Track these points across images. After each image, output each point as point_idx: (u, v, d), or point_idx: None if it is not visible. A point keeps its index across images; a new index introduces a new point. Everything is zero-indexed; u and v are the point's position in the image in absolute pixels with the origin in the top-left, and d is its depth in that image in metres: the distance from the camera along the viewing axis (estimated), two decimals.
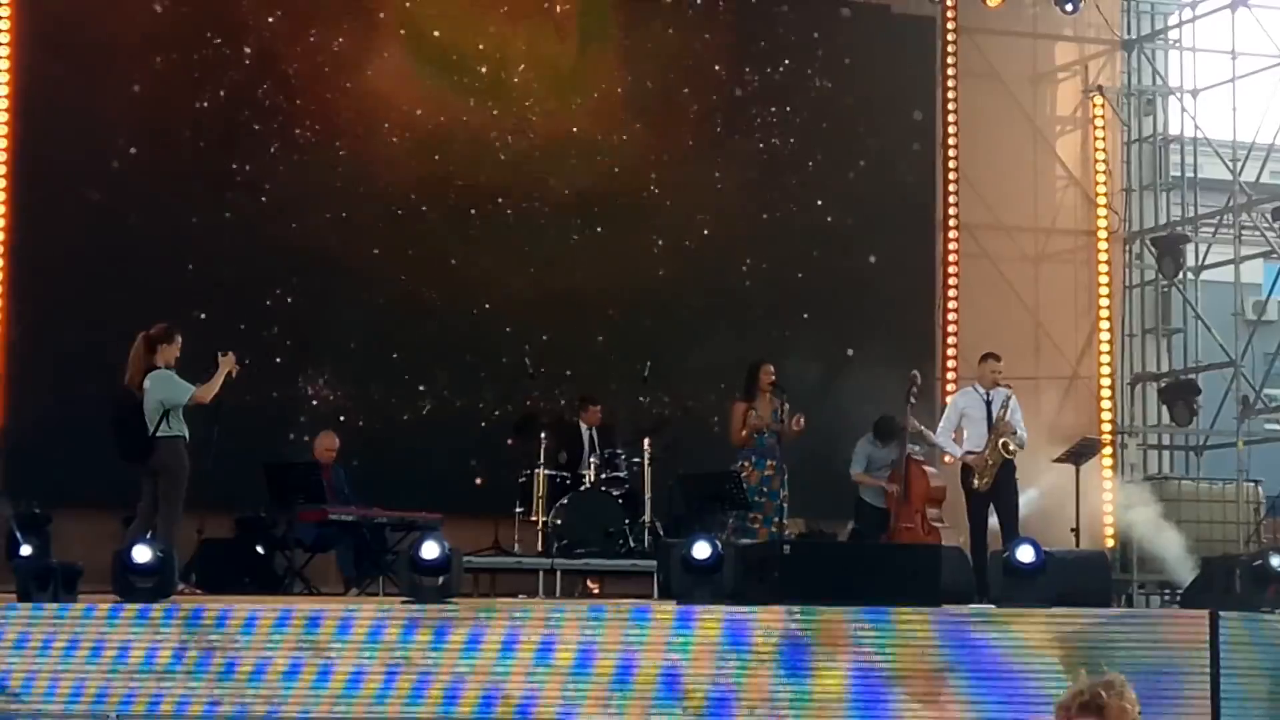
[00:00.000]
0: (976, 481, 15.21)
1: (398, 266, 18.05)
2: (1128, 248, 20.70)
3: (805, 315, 18.83)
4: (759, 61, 19.34)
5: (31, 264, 17.03)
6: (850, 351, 18.63)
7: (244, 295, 17.48)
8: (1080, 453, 16.51)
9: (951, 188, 19.88)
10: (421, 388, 18.09)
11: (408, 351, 18.08)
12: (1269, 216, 19.87)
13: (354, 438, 16.79)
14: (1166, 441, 20.93)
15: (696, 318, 18.59)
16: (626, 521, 15.93)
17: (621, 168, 18.82)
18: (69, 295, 16.93)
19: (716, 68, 19.23)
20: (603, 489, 16.15)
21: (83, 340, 16.30)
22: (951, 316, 19.65)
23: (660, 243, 18.77)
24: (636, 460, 16.41)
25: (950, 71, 20.01)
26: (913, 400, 15.96)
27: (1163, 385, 20.40)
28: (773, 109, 19.32)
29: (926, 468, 15.97)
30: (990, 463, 15.23)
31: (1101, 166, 20.40)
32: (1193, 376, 20.23)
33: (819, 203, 19.29)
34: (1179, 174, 20.91)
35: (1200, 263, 20.59)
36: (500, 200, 18.47)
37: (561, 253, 18.52)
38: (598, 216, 18.66)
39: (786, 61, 19.42)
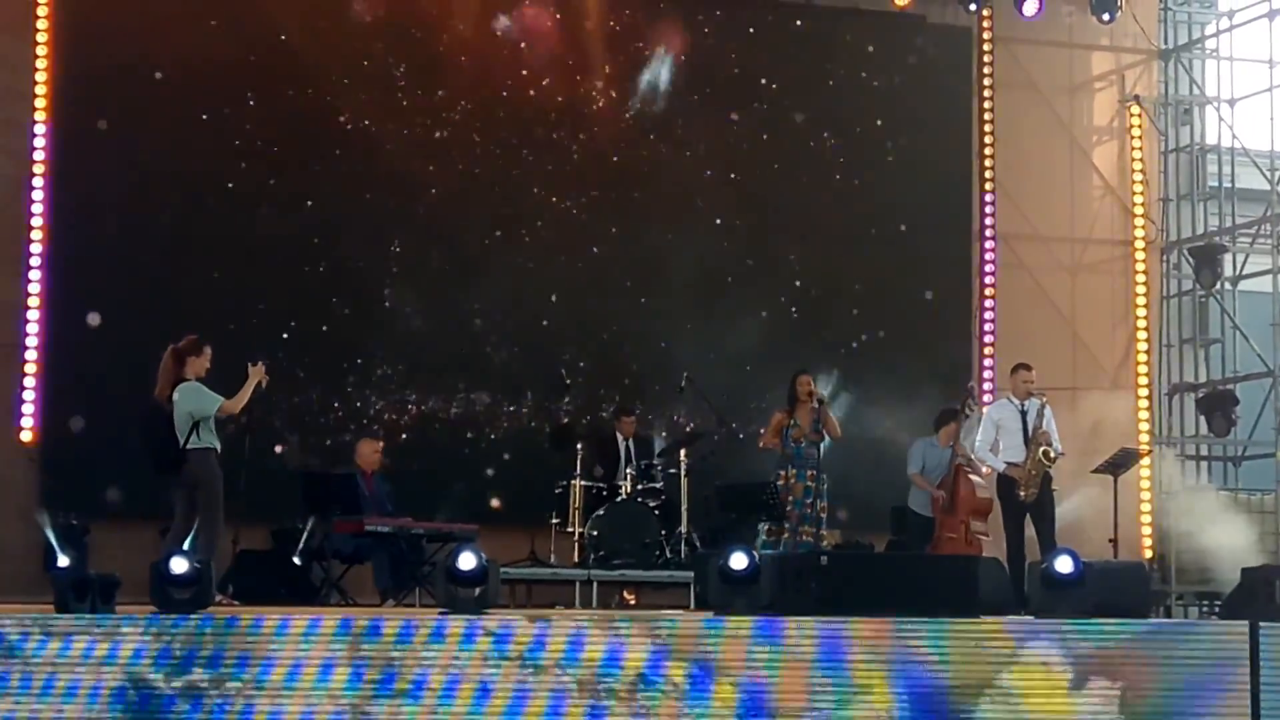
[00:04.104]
0: (1023, 492, 15.21)
1: (433, 278, 18.07)
2: (1165, 258, 20.64)
3: (841, 326, 18.79)
4: (794, 72, 19.33)
5: (69, 278, 17.13)
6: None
7: (280, 308, 17.54)
8: (1118, 463, 16.47)
9: (988, 198, 19.86)
10: (457, 399, 18.11)
11: (443, 363, 18.11)
12: None
13: (390, 449, 16.78)
14: (1205, 452, 20.84)
15: (732, 328, 18.56)
16: (663, 532, 15.94)
17: (657, 179, 18.82)
18: (106, 308, 17.00)
19: (756, 77, 19.22)
20: (639, 500, 16.15)
21: (119, 353, 16.34)
22: (989, 327, 19.64)
23: (695, 252, 18.74)
24: (673, 471, 16.42)
25: (986, 82, 20.00)
26: (968, 413, 15.95)
27: (1200, 396, 20.32)
28: (809, 119, 19.30)
29: (975, 479, 15.95)
30: (1033, 473, 15.22)
31: (1139, 176, 20.37)
32: (1231, 387, 20.14)
33: (855, 213, 19.27)
34: (1216, 184, 20.82)
35: (1238, 273, 20.50)
36: (537, 211, 18.50)
37: (596, 263, 18.56)
38: (634, 227, 18.67)
39: (821, 72, 19.42)
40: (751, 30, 19.30)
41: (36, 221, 17.18)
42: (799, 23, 19.47)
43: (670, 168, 18.86)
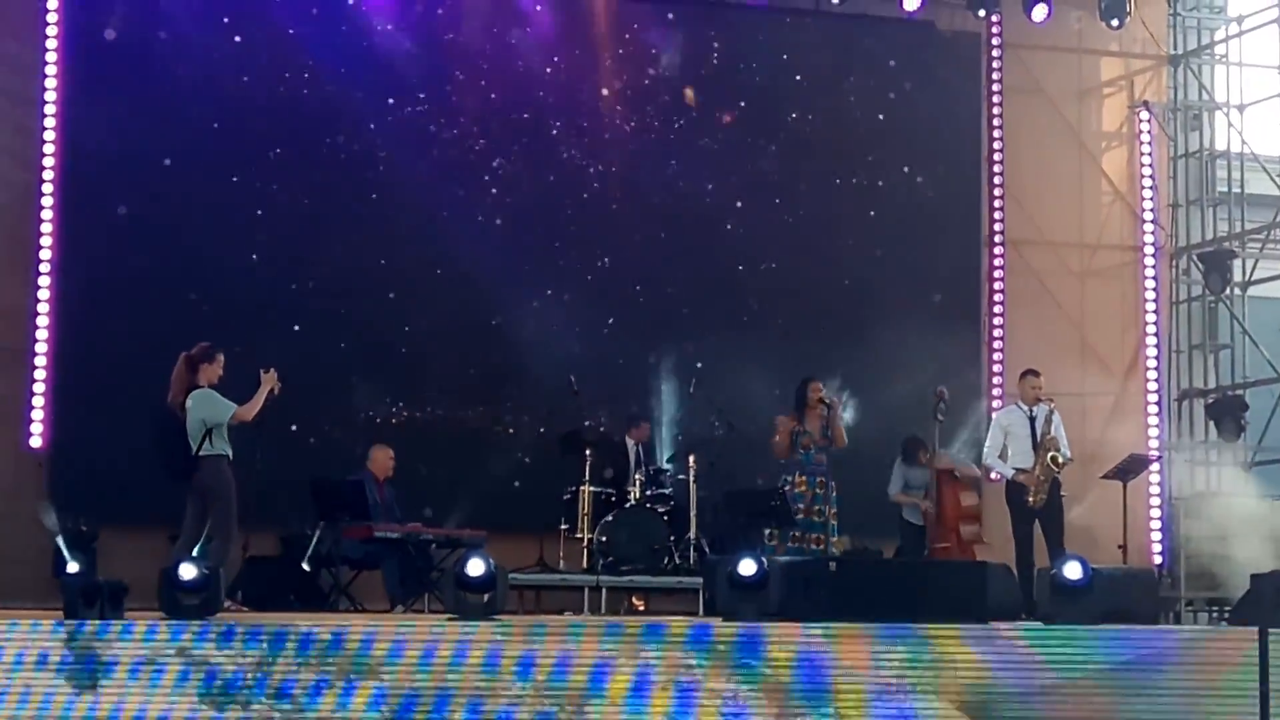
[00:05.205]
0: (1031, 499, 15.22)
1: (442, 285, 18.08)
2: (1174, 263, 20.61)
3: (851, 332, 18.76)
4: (802, 77, 19.34)
5: (78, 283, 17.16)
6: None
7: (289, 314, 17.54)
8: (1128, 469, 16.47)
9: (997, 203, 19.83)
10: (466, 405, 18.12)
11: (452, 369, 18.11)
12: None
13: (399, 455, 16.78)
14: (1214, 458, 20.80)
15: (742, 334, 18.57)
16: (672, 538, 15.94)
17: (667, 187, 18.83)
18: (115, 313, 17.07)
19: (763, 84, 19.23)
20: (648, 505, 16.15)
21: (129, 358, 16.37)
22: (997, 333, 19.60)
23: (706, 260, 18.77)
24: (682, 476, 16.42)
25: (995, 87, 19.97)
26: (940, 417, 15.95)
27: (1210, 401, 20.29)
28: (817, 125, 19.30)
29: (960, 485, 15.99)
30: (1042, 479, 15.24)
31: (1148, 182, 20.34)
32: (1240, 392, 20.12)
33: (863, 218, 19.26)
34: (1225, 189, 20.76)
35: (1247, 278, 20.46)
36: (545, 219, 18.51)
37: (604, 272, 18.59)
38: (645, 235, 18.69)
39: (830, 79, 19.42)
40: (759, 39, 19.28)
41: (46, 228, 17.19)
42: (804, 28, 19.45)
43: (678, 177, 18.87)
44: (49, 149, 17.27)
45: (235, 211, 17.61)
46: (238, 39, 17.90)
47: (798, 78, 19.35)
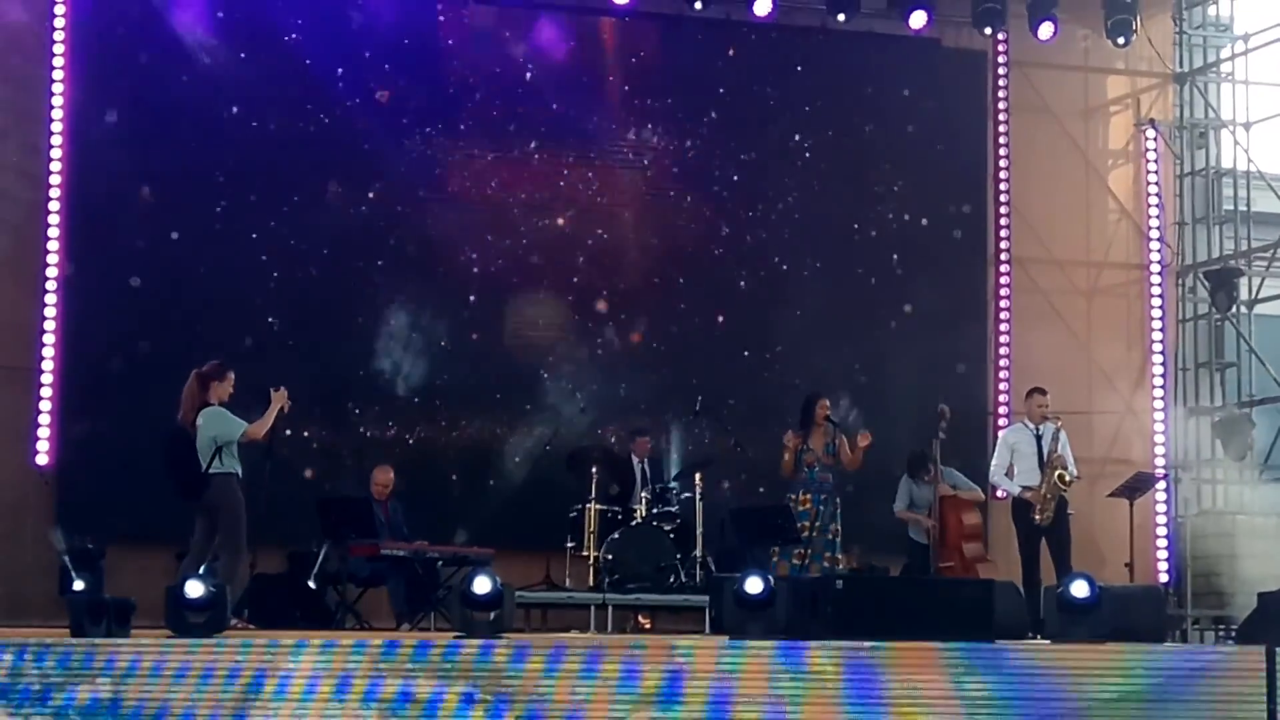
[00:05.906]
0: (1038, 517, 15.22)
1: (447, 301, 18.10)
2: (1181, 281, 20.60)
3: (857, 349, 18.77)
4: (809, 95, 19.33)
5: (85, 300, 17.15)
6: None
7: (294, 331, 17.55)
8: (1134, 487, 16.48)
9: (1003, 221, 19.82)
10: (472, 422, 18.12)
11: (458, 386, 18.12)
12: None
13: (405, 473, 16.79)
14: (1220, 476, 20.78)
15: (747, 352, 18.58)
16: (678, 556, 15.92)
17: (671, 203, 18.85)
18: (122, 330, 17.06)
19: (770, 102, 19.23)
20: (654, 523, 16.13)
21: (136, 375, 16.41)
22: (1004, 351, 19.59)
23: (710, 277, 18.78)
24: (687, 494, 16.41)
25: (1002, 105, 19.97)
26: (941, 435, 15.94)
27: (1216, 419, 20.27)
28: (823, 143, 19.30)
29: (962, 504, 15.99)
30: (1048, 497, 15.24)
31: (1154, 200, 20.32)
32: (1246, 410, 20.11)
33: (869, 236, 19.26)
34: (1232, 207, 20.76)
35: (1254, 296, 20.44)
36: (553, 245, 18.53)
37: (611, 285, 18.59)
38: (649, 250, 18.71)
39: (836, 95, 19.42)
40: (764, 57, 19.28)
41: (53, 245, 17.20)
42: (809, 44, 19.44)
43: (681, 192, 18.89)
44: (56, 166, 17.28)
45: (242, 228, 17.63)
46: (244, 57, 17.92)
47: (804, 96, 19.32)
